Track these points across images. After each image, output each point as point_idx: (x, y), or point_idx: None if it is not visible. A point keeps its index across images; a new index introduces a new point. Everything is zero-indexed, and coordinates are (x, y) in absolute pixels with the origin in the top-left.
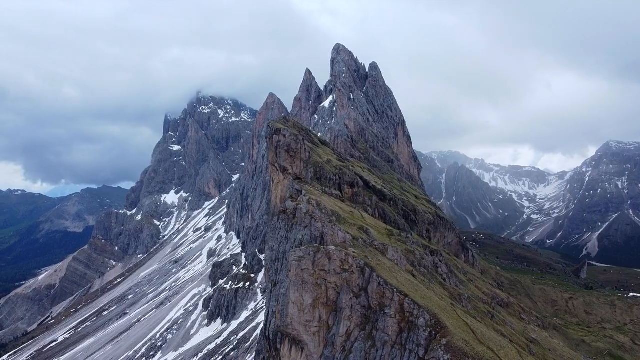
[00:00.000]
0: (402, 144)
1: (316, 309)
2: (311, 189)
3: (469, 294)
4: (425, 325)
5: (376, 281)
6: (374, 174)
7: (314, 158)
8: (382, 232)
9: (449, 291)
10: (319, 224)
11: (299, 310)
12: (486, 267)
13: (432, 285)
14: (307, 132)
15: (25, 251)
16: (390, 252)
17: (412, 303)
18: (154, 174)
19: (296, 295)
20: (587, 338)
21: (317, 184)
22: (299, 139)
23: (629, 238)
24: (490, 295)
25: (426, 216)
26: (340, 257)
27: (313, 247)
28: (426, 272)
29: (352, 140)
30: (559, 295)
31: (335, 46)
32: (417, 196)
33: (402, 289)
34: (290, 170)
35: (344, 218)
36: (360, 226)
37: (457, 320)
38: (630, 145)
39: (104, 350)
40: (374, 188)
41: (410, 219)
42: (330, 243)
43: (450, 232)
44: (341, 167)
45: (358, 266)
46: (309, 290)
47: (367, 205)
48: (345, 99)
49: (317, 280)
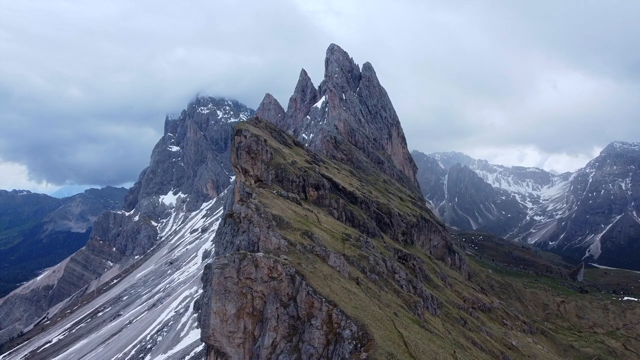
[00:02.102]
0: (396, 145)
1: (241, 320)
2: (264, 191)
3: (442, 300)
4: (351, 338)
5: (305, 290)
6: (355, 175)
7: (277, 160)
8: (336, 237)
9: (404, 298)
10: (257, 229)
11: (222, 320)
12: (476, 270)
13: (382, 292)
14: (280, 133)
15: (29, 251)
16: (332, 258)
17: (340, 313)
18: (152, 175)
19: (218, 305)
20: (576, 343)
21: (278, 187)
22: (260, 140)
23: (632, 240)
24: (471, 300)
25: (409, 218)
26: (268, 264)
27: (239, 254)
28: (378, 279)
29: (336, 142)
30: (551, 298)
31: (330, 46)
32: (403, 198)
33: (332, 299)
34: (252, 172)
35: (289, 223)
36: (305, 231)
37: (391, 332)
38: (634, 146)
39: (95, 352)
40: (344, 190)
41: (384, 222)
42: (262, 249)
43: (436, 234)
44: (306, 169)
45: (288, 274)
46: (233, 299)
47: (333, 208)
48: (337, 100)
49: (242, 289)
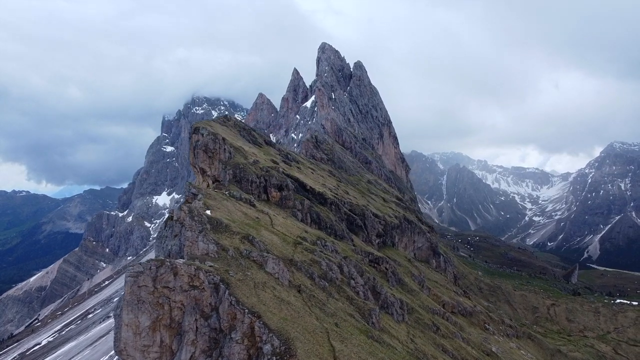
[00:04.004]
0: (387, 144)
1: (157, 332)
2: (214, 192)
3: (415, 305)
4: (272, 353)
5: (228, 300)
6: (335, 176)
7: (236, 159)
8: (288, 241)
9: (358, 306)
10: (189, 233)
11: (135, 333)
12: (465, 272)
13: (330, 300)
14: (250, 132)
15: (27, 252)
16: (271, 264)
17: (263, 326)
18: (146, 175)
19: (130, 316)
20: (564, 347)
21: (235, 187)
22: (218, 139)
23: (631, 241)
24: (451, 304)
25: (389, 220)
26: (188, 272)
27: (156, 261)
28: (328, 286)
29: (317, 141)
30: (541, 301)
31: (321, 45)
32: (386, 199)
33: (257, 310)
34: (209, 172)
35: (228, 226)
36: (245, 235)
37: (321, 346)
38: (634, 146)
39: (82, 354)
40: (312, 191)
41: (356, 224)
42: (187, 255)
43: (420, 236)
44: (269, 169)
45: (211, 282)
46: (147, 310)
47: (297, 210)
48: (325, 99)
49: (159, 299)
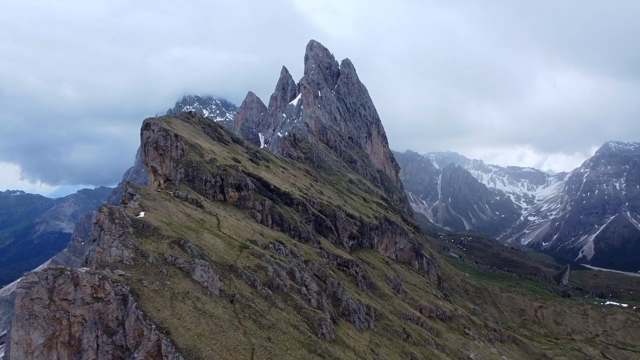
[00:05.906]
0: (376, 143)
1: (53, 350)
2: (155, 192)
3: (386, 311)
4: None
5: (134, 314)
6: (311, 175)
7: (190, 157)
8: (233, 245)
9: (307, 315)
10: (107, 237)
11: (26, 352)
12: (451, 274)
13: (272, 310)
14: (215, 128)
15: (20, 252)
16: (199, 272)
17: (170, 344)
18: (136, 175)
19: (20, 333)
20: (550, 351)
21: (187, 187)
22: (169, 135)
23: (626, 241)
24: (428, 308)
25: (367, 221)
26: (92, 282)
27: (54, 270)
28: (273, 294)
29: (295, 140)
30: (528, 303)
31: (309, 42)
32: (367, 199)
33: (166, 325)
34: (160, 170)
35: (157, 229)
36: (176, 239)
37: None
38: (629, 146)
39: None
40: (277, 191)
41: (325, 225)
42: (97, 263)
43: (402, 237)
44: (227, 168)
45: (119, 294)
46: (41, 326)
47: (257, 211)
48: (311, 97)
49: (56, 313)
